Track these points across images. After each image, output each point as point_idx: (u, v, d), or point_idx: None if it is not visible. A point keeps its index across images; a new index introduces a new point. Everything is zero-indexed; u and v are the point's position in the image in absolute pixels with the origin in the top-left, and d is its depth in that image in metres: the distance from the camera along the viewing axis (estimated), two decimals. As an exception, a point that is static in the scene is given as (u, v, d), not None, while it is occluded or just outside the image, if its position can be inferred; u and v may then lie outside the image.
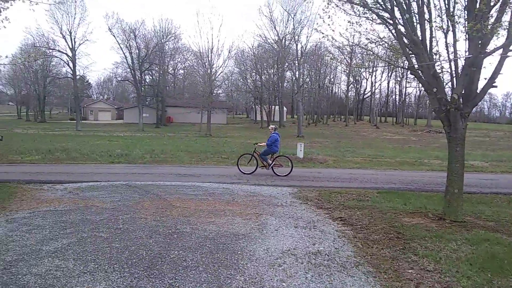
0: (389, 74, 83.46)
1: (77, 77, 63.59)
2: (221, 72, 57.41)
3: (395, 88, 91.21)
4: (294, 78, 65.24)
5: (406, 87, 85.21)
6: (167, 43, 71.49)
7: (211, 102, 52.28)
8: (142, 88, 70.27)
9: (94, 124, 74.64)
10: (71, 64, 59.94)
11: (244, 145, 31.88)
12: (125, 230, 7.14)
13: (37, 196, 10.63)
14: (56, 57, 65.71)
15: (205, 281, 4.97)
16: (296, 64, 58.48)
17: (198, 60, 56.74)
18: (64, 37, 58.43)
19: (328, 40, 10.11)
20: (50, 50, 61.24)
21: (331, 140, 44.88)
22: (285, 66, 67.35)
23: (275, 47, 63.56)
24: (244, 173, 15.43)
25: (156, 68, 72.19)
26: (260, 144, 15.91)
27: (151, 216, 8.24)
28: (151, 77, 75.67)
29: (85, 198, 10.25)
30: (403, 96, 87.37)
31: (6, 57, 9.61)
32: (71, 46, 58.57)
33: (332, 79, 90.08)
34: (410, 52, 9.02)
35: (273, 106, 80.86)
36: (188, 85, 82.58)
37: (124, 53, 65.72)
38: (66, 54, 60.14)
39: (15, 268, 5.22)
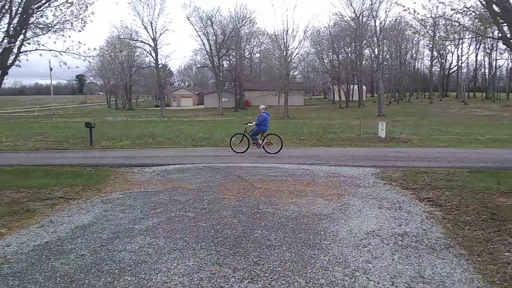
0: (477, 46, 77.72)
1: (160, 65, 66.48)
2: (297, 54, 56.90)
3: (484, 61, 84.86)
4: (373, 55, 62.97)
5: (496, 60, 78.91)
6: (242, 28, 72.14)
7: (288, 84, 52.12)
8: (220, 74, 71.74)
9: (177, 110, 77.79)
10: (153, 54, 62.76)
11: (323, 126, 31.54)
12: (210, 210, 7.39)
13: (128, 179, 11.32)
14: (140, 47, 69.08)
15: (289, 260, 5.01)
16: (375, 41, 56.35)
17: (274, 42, 56.74)
18: (145, 28, 61.28)
19: (409, 13, 9.60)
20: (134, 41, 64.51)
21: (414, 119, 42.95)
22: (363, 44, 65.22)
23: (352, 24, 61.65)
24: (237, 152, 15.82)
25: (233, 53, 73.20)
26: (250, 124, 16.20)
27: (234, 196, 8.45)
28: (228, 62, 76.94)
29: (171, 180, 10.74)
30: (494, 69, 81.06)
31: (95, 49, 10.22)
32: (152, 36, 61.25)
33: (414, 55, 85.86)
34: (502, 20, 8.29)
35: (351, 86, 78.93)
36: (264, 68, 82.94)
37: (202, 40, 67.40)
38: (148, 44, 63.04)
39: (111, 245, 5.62)
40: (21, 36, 9.99)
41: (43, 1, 10.10)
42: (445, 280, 4.53)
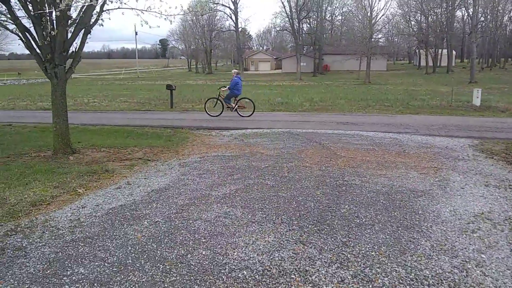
0: None
1: (239, 29, 66.01)
2: (382, 16, 53.74)
3: None
4: (466, 17, 57.81)
5: None
6: (325, -12, 69.27)
7: (371, 48, 49.53)
8: (300, 37, 69.94)
9: (255, 74, 77.55)
10: (233, 17, 62.33)
11: (408, 92, 29.56)
12: (291, 178, 6.83)
13: (206, 142, 11.07)
14: (220, 11, 68.99)
15: (384, 243, 4.32)
16: (470, 1, 51.48)
17: (358, 4, 53.86)
18: (226, -11, 60.72)
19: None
20: (215, 4, 64.37)
21: (511, 87, 39.08)
22: (455, 4, 60.02)
23: (445, -18, 56.72)
24: (212, 116, 16.36)
25: (314, 16, 70.86)
26: (223, 89, 16.68)
27: (315, 165, 7.82)
28: (308, 25, 74.78)
29: (249, 144, 10.32)
30: None
31: (176, 8, 9.85)
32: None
33: (513, 16, 77.75)
34: None
35: (439, 50, 73.61)
36: (346, 31, 79.56)
37: (282, 3, 65.92)
38: (228, 7, 62.68)
39: (186, 212, 5.27)
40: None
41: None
42: None
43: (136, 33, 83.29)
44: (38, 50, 9.27)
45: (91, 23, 9.79)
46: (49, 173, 7.52)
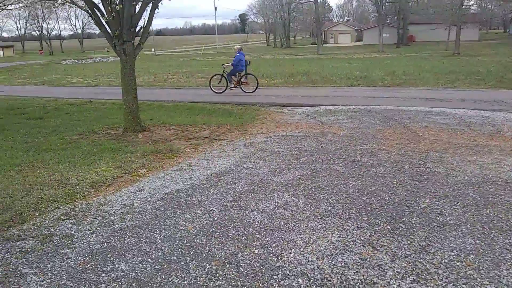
0: None
1: (319, 0, 63.95)
2: (475, -21, 49.00)
3: None
4: None
5: None
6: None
7: (461, 16, 45.54)
8: (383, 6, 66.33)
9: (335, 47, 75.13)
10: (312, -13, 60.42)
11: (503, 64, 26.74)
12: (364, 164, 6.12)
13: (277, 119, 10.57)
14: (299, -19, 67.16)
15: (472, 251, 3.55)
16: None
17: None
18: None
19: None
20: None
21: None
22: None
23: None
24: (216, 92, 16.24)
25: (398, -17, 66.62)
26: (227, 65, 16.40)
27: (393, 148, 7.00)
28: (392, -7, 70.55)
29: (322, 123, 9.66)
30: None
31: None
32: (312, -32, 58.71)
33: None
34: None
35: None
36: (434, -2, 74.13)
37: (364, -30, 62.46)
38: (307, -23, 60.78)
39: (243, 201, 4.81)
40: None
41: None
42: None
43: (215, 8, 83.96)
44: (107, 27, 9.23)
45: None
46: (115, 152, 7.46)
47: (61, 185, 5.76)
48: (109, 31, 9.21)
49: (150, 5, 9.48)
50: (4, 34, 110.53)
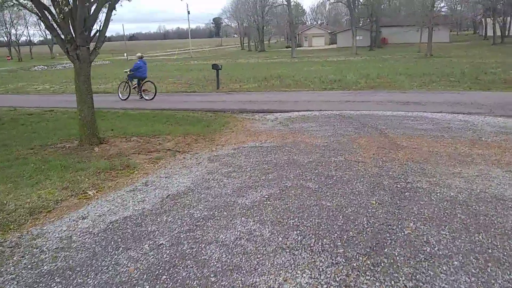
0: None
1: (292, 4, 63.78)
2: (445, -19, 49.53)
3: None
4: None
5: None
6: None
7: (432, 18, 45.88)
8: (356, 9, 66.59)
9: (308, 50, 75.08)
10: (285, -9, 60.15)
11: (475, 65, 26.78)
12: (339, 179, 5.52)
13: (247, 127, 9.95)
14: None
15: (468, 292, 2.97)
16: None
17: (419, -30, 49.89)
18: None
19: None
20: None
21: None
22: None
23: None
24: (122, 99, 16.67)
25: (370, -15, 67.00)
26: (128, 72, 16.92)
27: (370, 159, 6.43)
28: (364, -4, 70.96)
29: (294, 131, 9.07)
30: None
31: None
32: (285, -29, 58.44)
33: None
34: None
35: (508, 18, 67.51)
36: (405, 1, 74.90)
37: (336, -27, 62.60)
38: (280, -20, 60.51)
39: (200, 230, 4.13)
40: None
41: None
42: None
43: (188, 12, 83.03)
44: (59, 31, 8.44)
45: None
46: (65, 170, 6.69)
47: (-7, 213, 4.99)
48: (61, 35, 8.43)
49: (107, 6, 8.76)
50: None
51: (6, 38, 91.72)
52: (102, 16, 8.91)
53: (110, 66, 54.15)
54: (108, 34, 8.87)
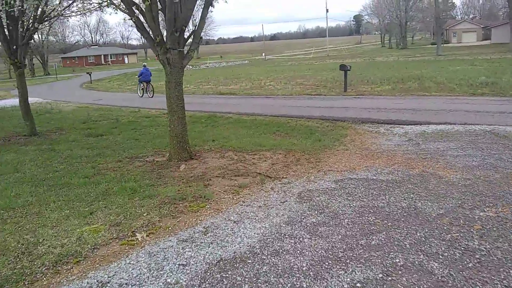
0: None
1: (439, -4, 58.00)
2: None
3: None
4: None
5: None
6: None
7: None
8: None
9: (457, 47, 67.69)
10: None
11: None
12: (485, 258, 3.44)
13: (366, 145, 8.09)
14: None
15: None
16: None
17: None
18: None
19: None
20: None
21: None
22: None
23: None
24: (139, 96, 22.04)
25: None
26: (137, 77, 22.83)
27: (543, 219, 4.16)
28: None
29: (425, 154, 6.96)
30: None
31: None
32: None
33: None
34: None
35: None
36: None
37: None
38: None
39: None
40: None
41: None
42: None
43: (327, 11, 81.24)
44: (151, 32, 7.55)
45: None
46: (131, 195, 5.67)
47: (19, 257, 4.07)
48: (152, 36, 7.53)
49: (202, 4, 7.65)
50: (133, 42, 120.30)
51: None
52: (198, 14, 7.88)
53: (248, 65, 55.10)
54: (249, 34, 7.85)
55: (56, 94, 28.79)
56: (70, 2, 10.65)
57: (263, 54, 78.09)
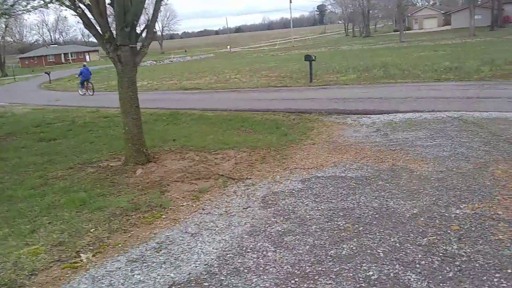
0: None
1: (400, -17, 58.46)
2: None
3: None
4: None
5: None
6: None
7: None
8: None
9: (419, 33, 68.65)
10: (392, -30, 55.26)
11: None
12: (465, 265, 3.10)
13: (333, 138, 7.77)
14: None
15: None
16: None
17: None
18: None
19: None
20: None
21: None
22: None
23: None
24: (80, 94, 22.16)
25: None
26: (78, 76, 22.88)
27: (518, 214, 3.90)
28: (486, -31, 62.84)
29: (395, 145, 6.68)
30: None
31: None
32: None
33: None
34: None
35: None
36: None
37: None
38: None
39: None
40: None
41: None
42: None
43: (290, 1, 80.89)
44: (98, 28, 6.95)
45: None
46: (78, 208, 5.13)
47: None
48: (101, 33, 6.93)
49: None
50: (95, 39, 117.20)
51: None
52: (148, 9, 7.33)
53: (213, 59, 54.33)
54: (214, 28, 7.35)
55: (12, 96, 27.37)
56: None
57: (228, 47, 77.32)
